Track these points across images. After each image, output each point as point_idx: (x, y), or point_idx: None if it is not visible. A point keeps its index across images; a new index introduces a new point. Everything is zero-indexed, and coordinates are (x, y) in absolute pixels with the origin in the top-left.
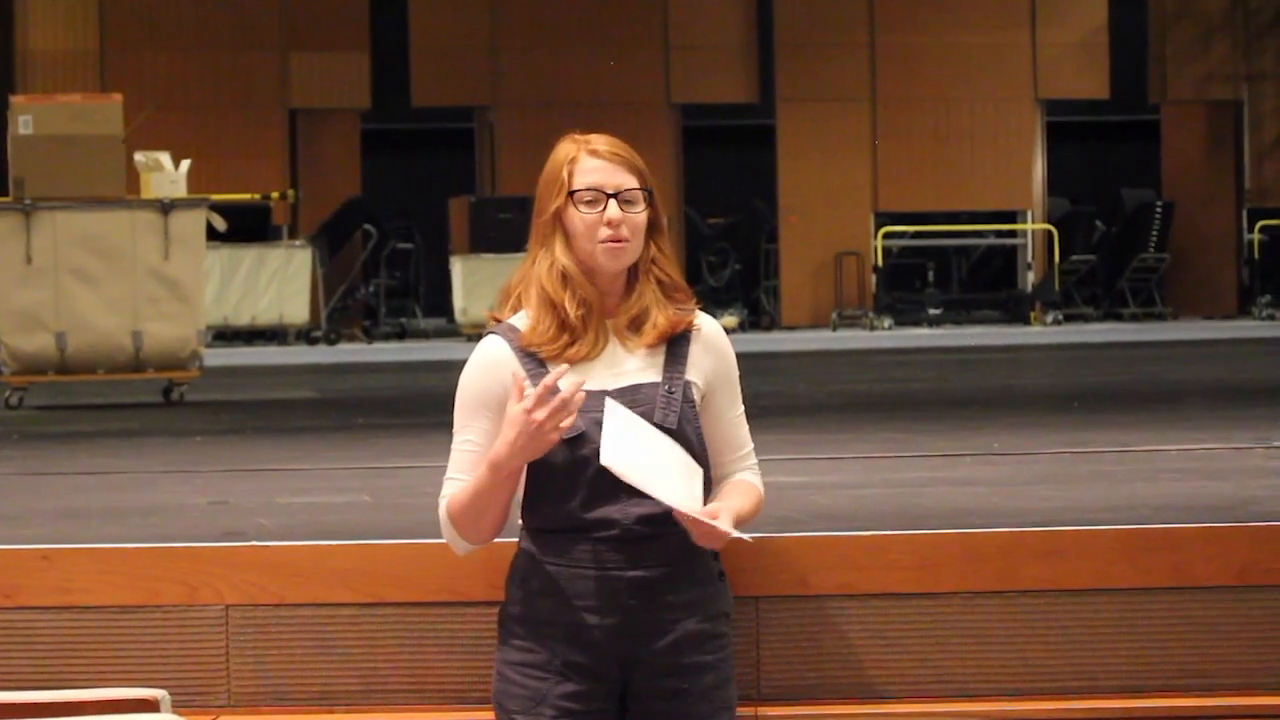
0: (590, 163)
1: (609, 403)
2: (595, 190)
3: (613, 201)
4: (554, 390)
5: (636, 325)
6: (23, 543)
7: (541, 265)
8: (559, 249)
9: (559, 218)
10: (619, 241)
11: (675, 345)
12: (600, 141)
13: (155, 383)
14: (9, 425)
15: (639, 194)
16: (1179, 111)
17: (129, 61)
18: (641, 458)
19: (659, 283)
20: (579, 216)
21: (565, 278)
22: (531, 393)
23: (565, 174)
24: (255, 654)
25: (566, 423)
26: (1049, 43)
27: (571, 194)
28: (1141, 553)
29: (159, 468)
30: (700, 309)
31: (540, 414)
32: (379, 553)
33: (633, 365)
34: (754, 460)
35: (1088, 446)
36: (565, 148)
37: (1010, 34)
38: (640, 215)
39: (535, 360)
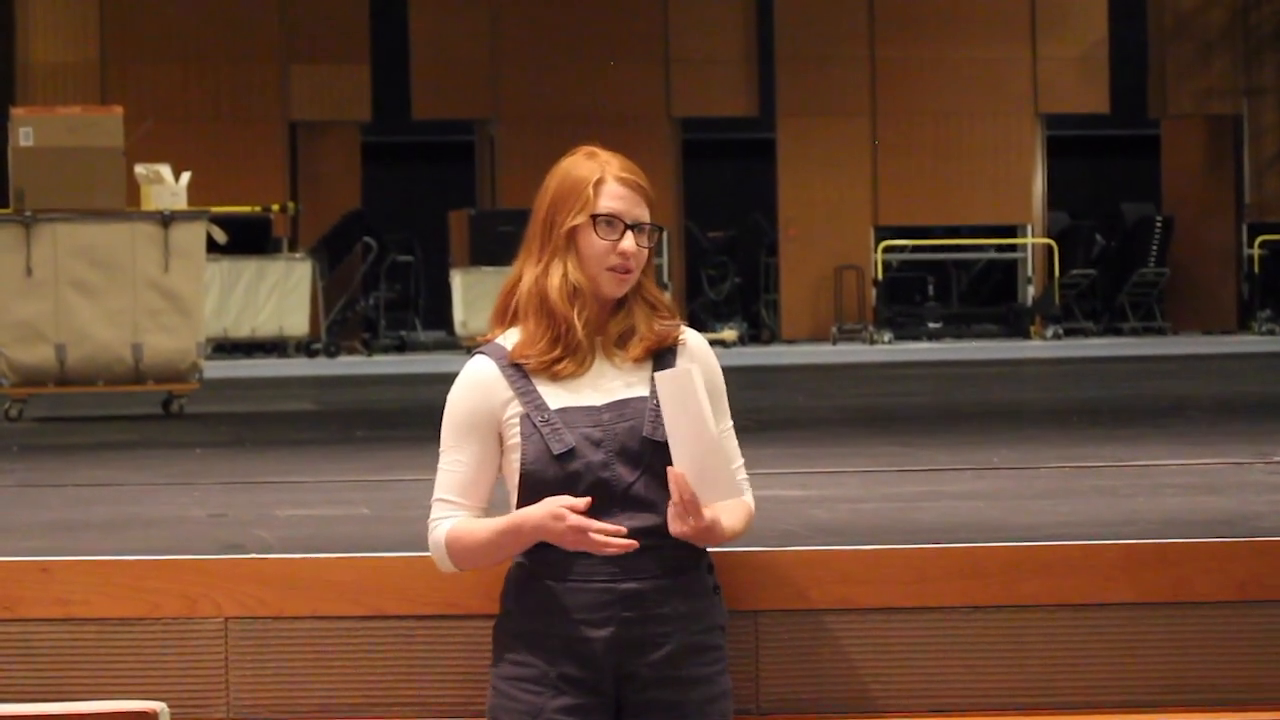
0: (616, 188)
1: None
2: (617, 218)
3: (630, 232)
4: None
5: (623, 340)
6: (22, 555)
7: (553, 277)
8: (571, 264)
9: (573, 235)
10: (627, 272)
11: (662, 359)
12: (622, 167)
13: (155, 395)
14: (9, 437)
15: (648, 229)
16: (1179, 126)
17: (129, 73)
18: (685, 405)
19: (646, 303)
20: (595, 239)
21: (576, 293)
22: (578, 519)
23: (591, 193)
24: (254, 666)
25: (607, 549)
26: (1049, 57)
27: (595, 217)
28: (1141, 567)
29: (158, 480)
30: (686, 325)
31: (574, 522)
32: (378, 565)
33: (620, 381)
34: (744, 475)
35: (1087, 461)
36: (586, 165)
37: (1010, 48)
38: (645, 249)
39: (522, 374)
